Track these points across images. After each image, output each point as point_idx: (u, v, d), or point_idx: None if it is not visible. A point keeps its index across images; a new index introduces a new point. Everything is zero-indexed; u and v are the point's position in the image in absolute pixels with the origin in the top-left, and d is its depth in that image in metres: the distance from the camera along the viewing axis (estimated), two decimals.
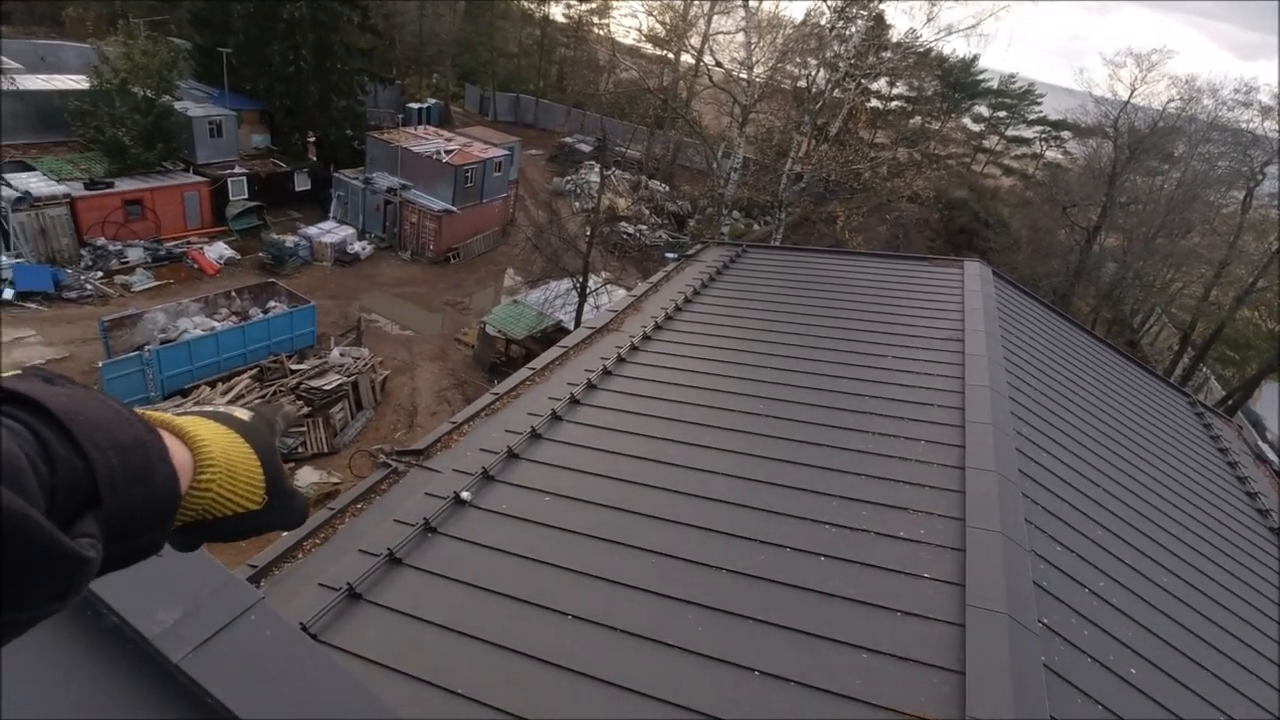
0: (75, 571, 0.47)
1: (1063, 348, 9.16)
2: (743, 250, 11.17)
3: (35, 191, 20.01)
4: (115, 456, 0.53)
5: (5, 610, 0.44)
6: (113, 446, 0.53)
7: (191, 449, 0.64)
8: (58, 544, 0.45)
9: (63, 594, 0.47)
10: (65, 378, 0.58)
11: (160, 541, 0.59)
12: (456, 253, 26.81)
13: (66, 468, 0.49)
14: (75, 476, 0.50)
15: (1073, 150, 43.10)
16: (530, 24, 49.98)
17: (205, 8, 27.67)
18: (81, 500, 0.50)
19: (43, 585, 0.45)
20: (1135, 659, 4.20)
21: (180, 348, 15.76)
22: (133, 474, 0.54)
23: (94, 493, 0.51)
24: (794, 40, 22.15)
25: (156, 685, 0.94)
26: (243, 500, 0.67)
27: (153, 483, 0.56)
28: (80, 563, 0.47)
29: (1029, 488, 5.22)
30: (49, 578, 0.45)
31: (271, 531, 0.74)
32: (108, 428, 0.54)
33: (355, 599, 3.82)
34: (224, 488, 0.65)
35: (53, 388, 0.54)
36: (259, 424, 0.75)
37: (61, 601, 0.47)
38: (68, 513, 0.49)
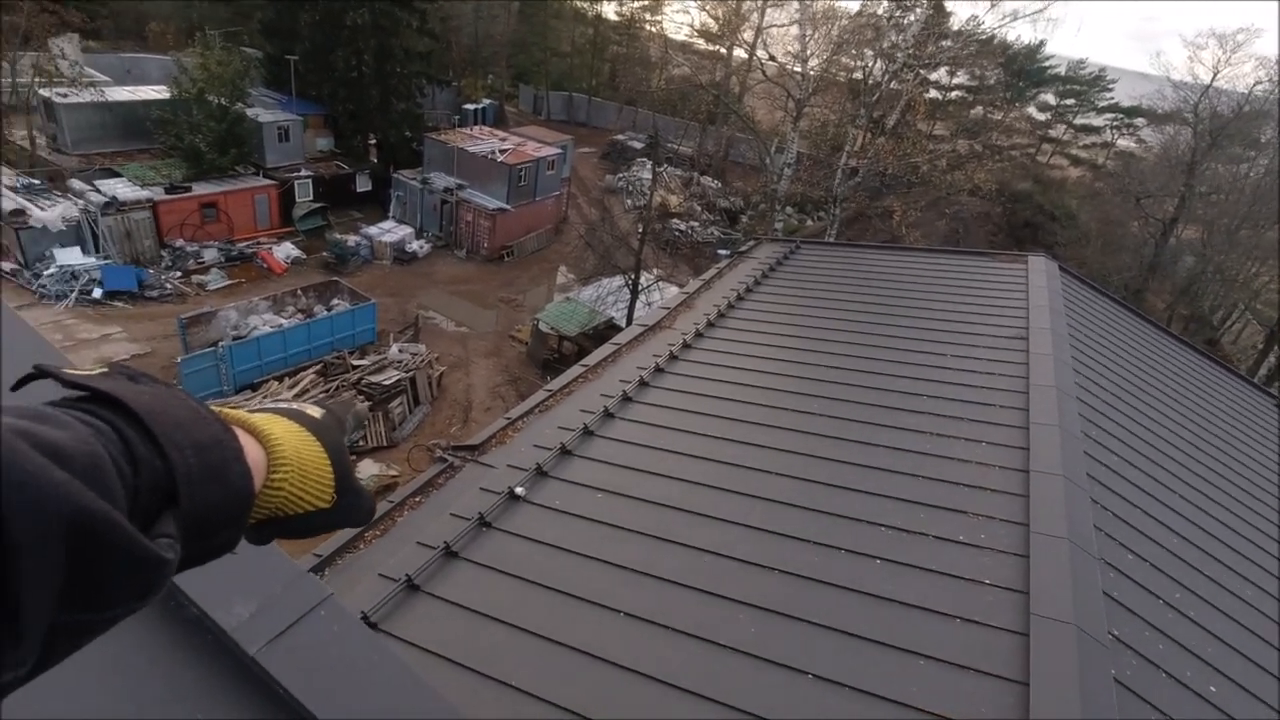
0: (154, 573, 0.48)
1: (1135, 346, 8.73)
2: (796, 247, 11.01)
3: (121, 196, 21.22)
4: (193, 456, 0.54)
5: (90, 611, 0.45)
6: (191, 446, 0.54)
7: (265, 447, 0.65)
8: (139, 546, 0.46)
9: (143, 594, 0.48)
10: (148, 375, 0.59)
11: (236, 539, 0.60)
12: (510, 250, 27.23)
13: (148, 468, 0.50)
14: (156, 476, 0.51)
15: (1147, 138, 40.99)
16: (583, 23, 50.31)
17: (275, 17, 28.82)
18: (161, 499, 0.51)
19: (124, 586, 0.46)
20: (1215, 676, 3.98)
21: (251, 344, 16.48)
22: (209, 473, 0.55)
23: (173, 492, 0.52)
24: (850, 31, 21.67)
25: (234, 675, 0.99)
26: (313, 499, 0.68)
27: (228, 481, 0.57)
28: (159, 564, 0.48)
29: (1098, 493, 5.00)
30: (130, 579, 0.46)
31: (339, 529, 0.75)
32: (187, 427, 0.55)
33: (414, 590, 3.93)
34: (296, 486, 0.66)
35: (136, 386, 0.56)
36: (329, 422, 0.75)
37: (141, 601, 0.48)
38: (149, 512, 0.50)
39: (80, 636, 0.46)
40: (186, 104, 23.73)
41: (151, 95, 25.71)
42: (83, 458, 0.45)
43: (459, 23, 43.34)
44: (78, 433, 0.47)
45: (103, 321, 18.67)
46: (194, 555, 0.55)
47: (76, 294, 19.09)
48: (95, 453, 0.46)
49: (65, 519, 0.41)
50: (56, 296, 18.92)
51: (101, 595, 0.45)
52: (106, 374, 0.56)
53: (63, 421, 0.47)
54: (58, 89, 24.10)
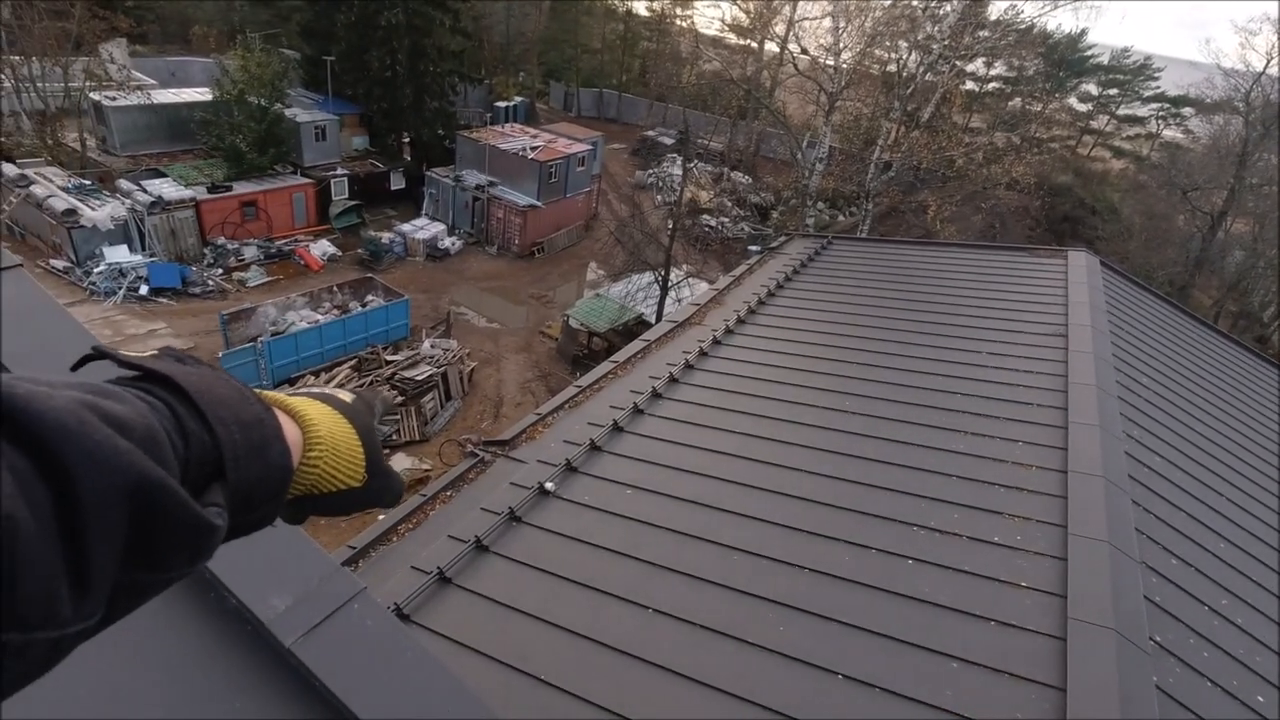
0: (205, 537, 0.51)
1: (1180, 344, 8.46)
2: (828, 242, 10.88)
3: (167, 196, 21.87)
4: (238, 432, 0.57)
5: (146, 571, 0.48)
6: (236, 423, 0.57)
7: (301, 427, 0.68)
8: (192, 512, 0.48)
9: (194, 558, 0.51)
10: (195, 358, 0.63)
11: (275, 513, 0.63)
12: (541, 247, 27.41)
13: (198, 441, 0.53)
14: (204, 450, 0.54)
15: (1195, 128, 39.59)
16: (614, 19, 50.34)
17: (312, 19, 29.38)
18: (209, 472, 0.54)
19: (179, 549, 0.49)
20: (1263, 686, 3.84)
21: (288, 339, 16.87)
22: (253, 449, 0.58)
23: (220, 465, 0.55)
24: (884, 23, 21.30)
25: (270, 665, 1.02)
26: (345, 477, 0.71)
27: (269, 457, 0.60)
28: (210, 530, 0.50)
29: (1140, 495, 4.86)
30: (184, 542, 0.49)
31: (370, 508, 0.78)
32: (232, 405, 0.58)
33: (445, 583, 3.99)
34: (330, 465, 0.69)
35: (185, 367, 0.59)
36: (360, 406, 0.78)
37: (192, 565, 0.51)
38: (198, 483, 0.53)
39: (138, 595, 0.49)
40: (228, 105, 24.35)
41: (195, 97, 26.44)
42: (142, 430, 0.48)
43: (491, 21, 43.69)
44: (136, 407, 0.50)
45: (149, 318, 19.28)
46: (238, 526, 0.58)
47: (124, 291, 19.74)
48: (152, 426, 0.49)
49: (129, 483, 0.44)
50: (106, 293, 19.59)
51: (159, 556, 0.48)
52: (158, 356, 0.59)
53: (123, 397, 0.50)
54: (107, 92, 24.90)
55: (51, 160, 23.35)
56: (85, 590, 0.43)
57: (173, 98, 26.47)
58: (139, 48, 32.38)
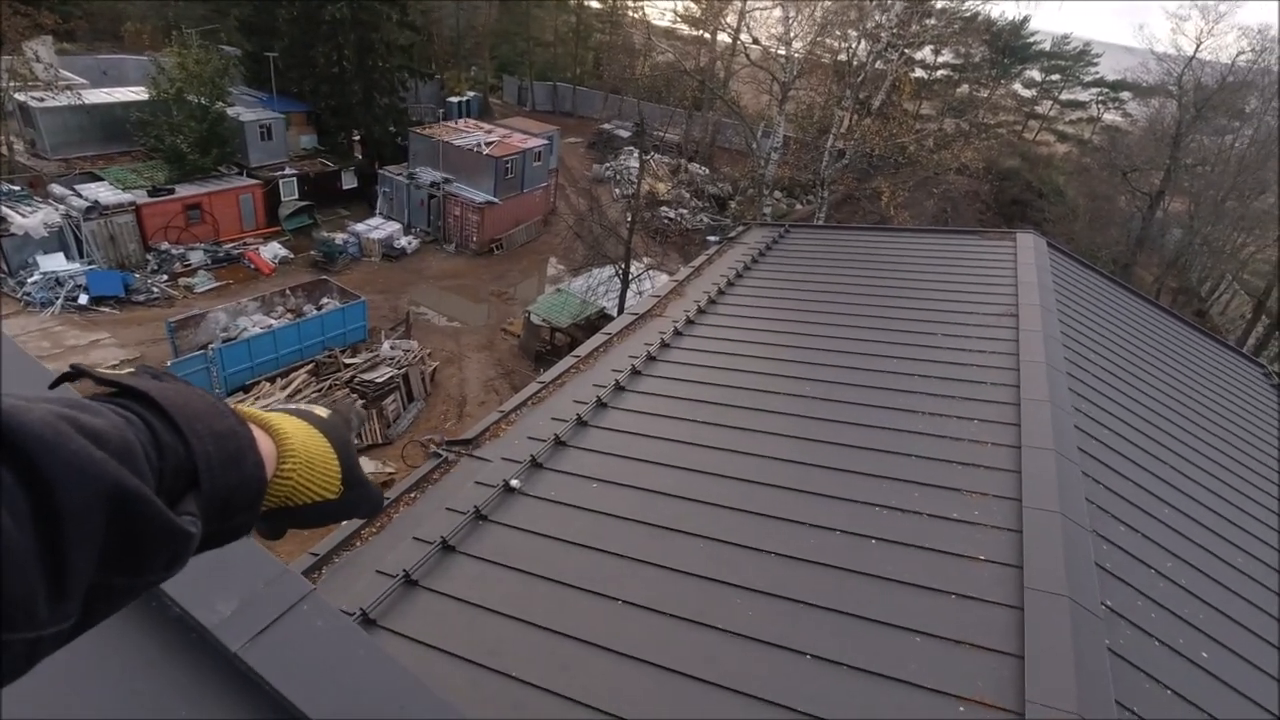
0: (180, 544, 0.52)
1: (1124, 320, 8.78)
2: (785, 231, 11.00)
3: (104, 200, 20.99)
4: (212, 444, 0.58)
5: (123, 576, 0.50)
6: (210, 435, 0.58)
7: (275, 440, 0.70)
8: (166, 519, 0.50)
9: (169, 564, 0.53)
10: (169, 374, 0.65)
11: (250, 523, 0.65)
12: (500, 243, 27.12)
13: (173, 453, 0.55)
14: (179, 461, 0.55)
15: (1133, 112, 41.08)
16: (565, 11, 49.92)
17: (252, 14, 28.45)
18: (184, 483, 0.56)
19: (154, 555, 0.51)
20: (1208, 643, 4.03)
21: (241, 346, 16.39)
22: (227, 460, 0.59)
23: (194, 476, 0.56)
24: (833, 12, 21.55)
25: (218, 672, 0.99)
26: (319, 489, 0.72)
27: (244, 468, 0.61)
28: (185, 536, 0.52)
29: (1090, 466, 5.04)
30: (159, 549, 0.51)
31: (347, 519, 0.79)
32: (206, 418, 0.59)
33: (412, 585, 3.93)
34: (303, 477, 0.71)
35: (160, 383, 0.60)
36: (336, 420, 0.81)
37: (168, 571, 0.53)
38: (173, 493, 0.55)
39: (114, 600, 0.51)
40: (166, 105, 23.45)
41: (130, 97, 25.38)
42: (117, 441, 0.50)
43: (440, 15, 42.91)
44: (112, 420, 0.52)
45: (90, 328, 18.52)
46: (214, 535, 0.61)
47: (62, 300, 18.92)
48: (127, 438, 0.51)
49: (105, 491, 0.46)
50: (42, 304, 18.75)
51: (135, 562, 0.50)
52: (133, 373, 0.61)
53: (99, 411, 0.52)
54: (33, 93, 23.76)
55: None
56: (63, 593, 0.45)
57: (106, 97, 25.36)
58: (66, 45, 30.94)
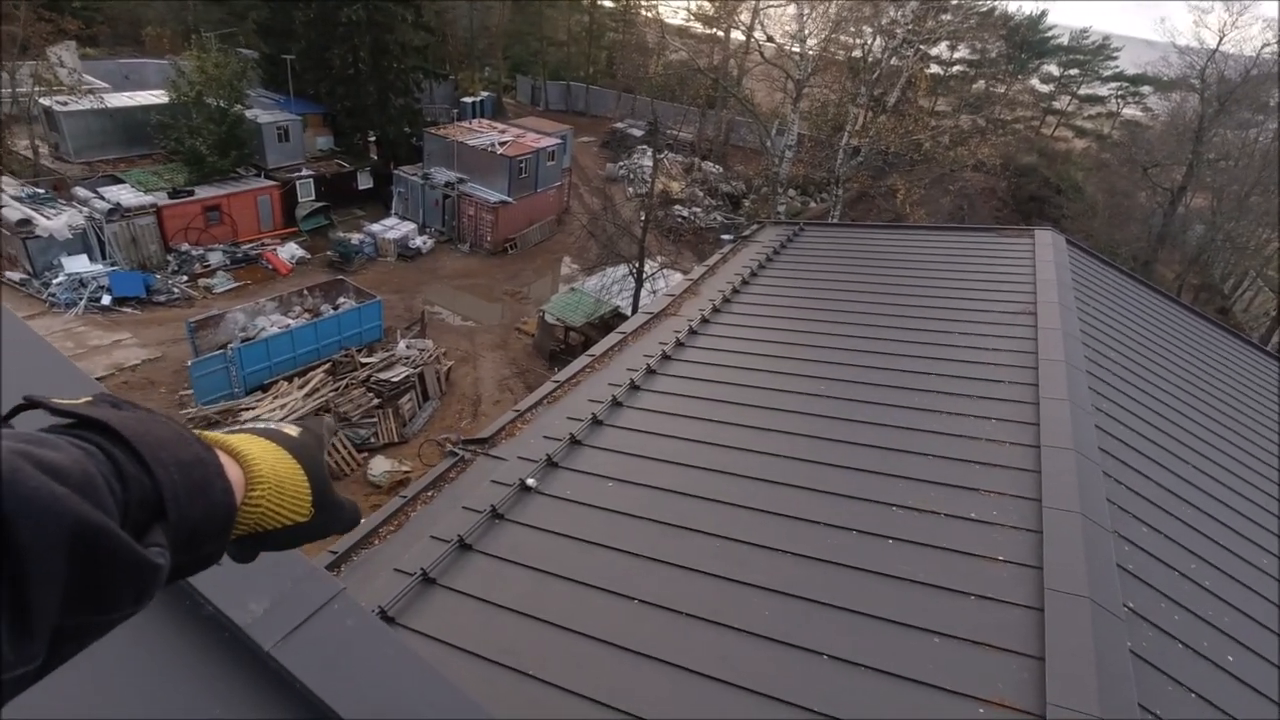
0: (148, 577, 0.51)
1: (1145, 318, 8.66)
2: (800, 229, 10.95)
3: (125, 203, 21.31)
4: (178, 473, 0.57)
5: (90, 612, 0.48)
6: (175, 464, 0.57)
7: (243, 466, 0.68)
8: (133, 553, 0.49)
9: (137, 598, 0.51)
10: (130, 402, 0.63)
11: (220, 551, 0.64)
12: (514, 243, 27.22)
13: (137, 484, 0.54)
14: (144, 492, 0.54)
15: (1153, 106, 40.46)
16: (578, 10, 49.95)
17: (270, 17, 28.74)
18: (150, 514, 0.55)
19: (121, 589, 0.50)
20: (1232, 645, 3.97)
21: (259, 345, 16.57)
22: (194, 488, 0.58)
23: (160, 507, 0.55)
24: (848, 9, 21.42)
25: (251, 671, 1.01)
26: (289, 514, 0.71)
27: (211, 497, 0.60)
28: (152, 569, 0.51)
29: (1110, 466, 4.98)
30: (126, 583, 0.49)
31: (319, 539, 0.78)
32: (171, 447, 0.58)
33: (429, 583, 3.96)
34: (273, 502, 0.69)
35: (121, 412, 0.59)
36: (307, 439, 0.78)
37: (136, 605, 0.52)
38: (139, 525, 0.53)
39: (82, 637, 0.50)
40: (185, 107, 23.76)
41: (150, 100, 25.73)
42: (78, 475, 0.48)
43: (454, 16, 43.11)
44: (71, 454, 0.50)
45: (112, 328, 18.80)
46: (183, 566, 0.59)
47: (86, 301, 19.22)
48: (88, 471, 0.50)
49: (67, 527, 0.45)
50: (66, 304, 19.07)
51: (101, 598, 0.49)
52: (91, 402, 0.59)
53: (57, 444, 0.51)
54: (57, 97, 24.15)
55: (2, 169, 22.62)
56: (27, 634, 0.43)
57: (127, 101, 25.74)
58: (89, 50, 31.42)
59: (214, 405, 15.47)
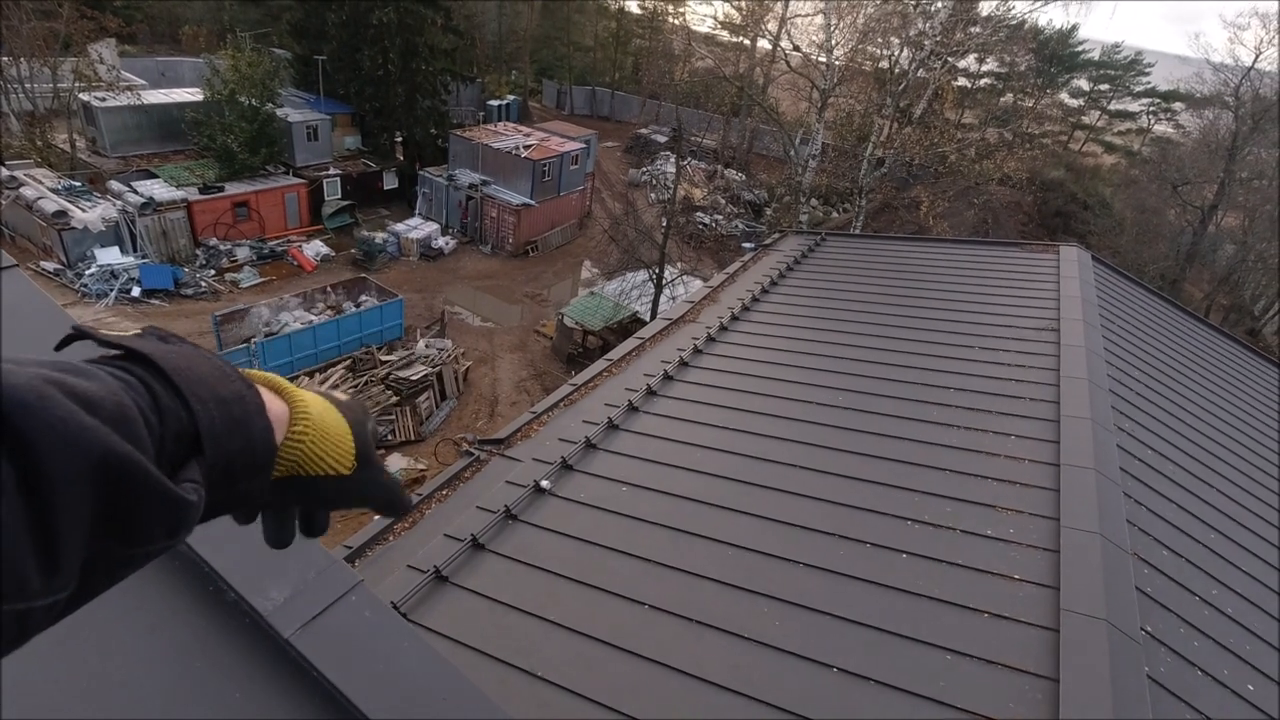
0: (179, 512, 0.51)
1: (1172, 338, 8.52)
2: (821, 239, 10.91)
3: (158, 197, 21.74)
4: (216, 409, 0.57)
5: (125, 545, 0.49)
6: (214, 400, 0.57)
7: (288, 403, 0.68)
8: (164, 488, 0.49)
9: (170, 533, 0.52)
10: (178, 337, 0.63)
11: (260, 489, 0.63)
12: (535, 245, 27.37)
13: (174, 418, 0.54)
14: (181, 425, 0.54)
15: (1185, 123, 39.80)
16: (605, 16, 50.28)
17: (303, 18, 29.23)
18: (187, 448, 0.55)
19: (155, 524, 0.50)
20: (1254, 675, 3.89)
21: (282, 340, 16.80)
22: (232, 425, 0.58)
23: (198, 442, 0.55)
24: (876, 19, 21.33)
25: (270, 657, 1.03)
26: (333, 461, 0.70)
27: (250, 433, 0.60)
28: (185, 505, 0.51)
29: (1131, 487, 4.90)
30: (157, 517, 0.50)
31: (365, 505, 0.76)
32: (211, 383, 0.58)
33: (442, 581, 4.00)
34: (316, 443, 0.68)
35: (166, 346, 0.59)
36: (353, 404, 0.79)
37: (171, 539, 0.52)
38: (175, 459, 0.54)
39: (115, 570, 0.50)
40: (219, 105, 24.21)
41: (185, 98, 26.26)
42: (110, 406, 0.48)
43: (483, 19, 43.57)
44: (107, 384, 0.50)
45: (141, 319, 19.18)
46: (219, 501, 0.59)
47: (116, 292, 19.63)
48: (122, 403, 0.50)
49: (94, 459, 0.45)
50: (97, 295, 19.48)
51: (131, 531, 0.49)
52: (139, 335, 0.60)
53: (92, 374, 0.51)
54: (96, 93, 24.73)
55: (41, 162, 23.18)
56: (54, 564, 0.44)
57: (163, 98, 26.29)
58: (128, 48, 32.15)
59: None
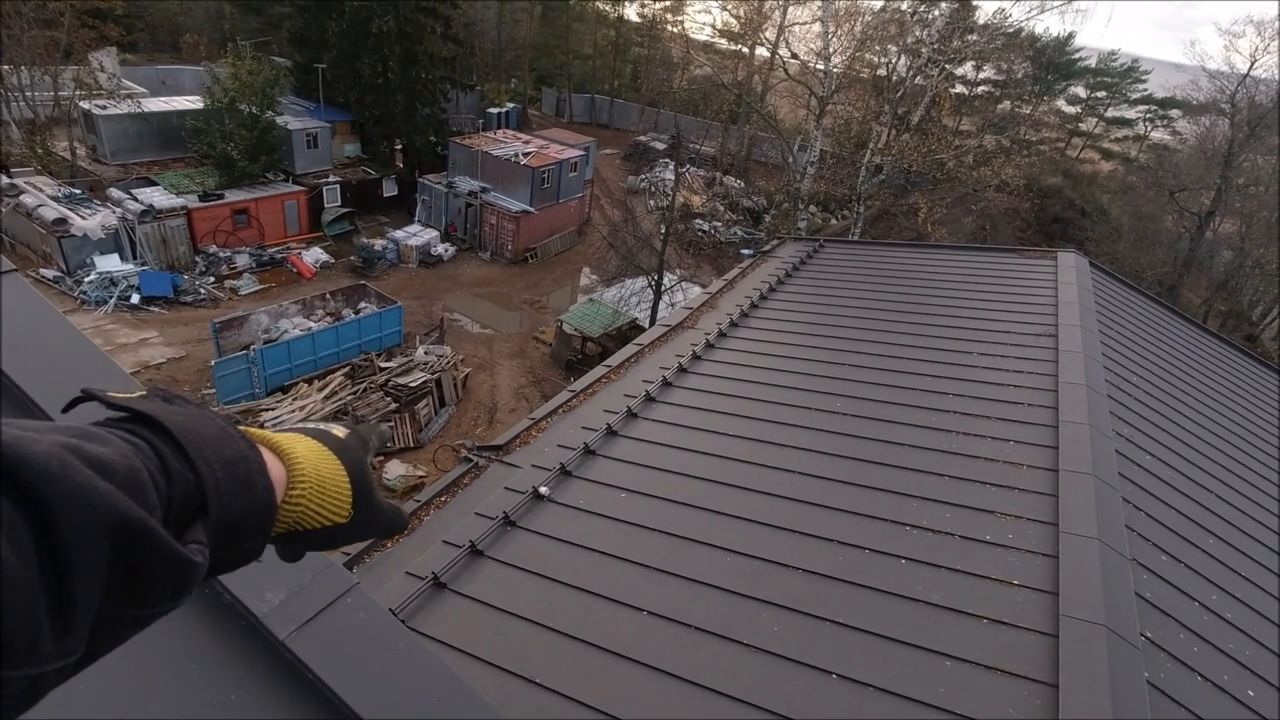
0: (186, 574, 0.52)
1: (1169, 343, 8.53)
2: (820, 245, 10.94)
3: (158, 204, 21.77)
4: (221, 470, 0.59)
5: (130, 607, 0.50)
6: (219, 461, 0.59)
7: (286, 464, 0.70)
8: (172, 550, 0.51)
9: (177, 594, 0.53)
10: (182, 396, 0.65)
11: (260, 548, 0.65)
12: (534, 252, 27.41)
13: (180, 479, 0.55)
14: (187, 487, 0.56)
15: (1182, 130, 39.97)
16: (605, 25, 50.49)
17: (303, 26, 29.35)
18: (193, 509, 0.56)
19: (160, 585, 0.51)
20: (1253, 680, 3.88)
21: (281, 347, 16.80)
22: (236, 485, 0.60)
23: (203, 503, 0.57)
24: (873, 28, 21.45)
25: (265, 658, 1.03)
26: (329, 513, 0.72)
27: (253, 494, 0.61)
28: (190, 566, 0.53)
29: (1130, 492, 4.90)
30: (165, 579, 0.51)
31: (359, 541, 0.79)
32: (216, 443, 0.60)
33: (440, 588, 3.99)
34: (313, 501, 0.70)
35: (171, 407, 0.61)
36: (353, 441, 0.80)
37: (176, 600, 0.53)
38: (181, 520, 0.55)
39: (122, 631, 0.52)
40: (219, 113, 24.27)
41: (186, 105, 26.33)
42: (124, 471, 0.50)
43: (482, 27, 43.77)
44: (119, 449, 0.52)
45: (140, 326, 19.17)
46: (223, 561, 0.61)
47: (116, 299, 19.63)
48: (134, 466, 0.51)
49: (109, 523, 0.46)
50: (97, 302, 19.48)
51: (140, 593, 0.50)
52: (145, 396, 0.62)
53: (106, 439, 0.52)
54: (97, 101, 24.81)
55: (41, 169, 23.22)
56: (67, 628, 0.45)
57: (163, 106, 26.36)
58: (129, 56, 32.26)
59: (235, 405, 15.69)
